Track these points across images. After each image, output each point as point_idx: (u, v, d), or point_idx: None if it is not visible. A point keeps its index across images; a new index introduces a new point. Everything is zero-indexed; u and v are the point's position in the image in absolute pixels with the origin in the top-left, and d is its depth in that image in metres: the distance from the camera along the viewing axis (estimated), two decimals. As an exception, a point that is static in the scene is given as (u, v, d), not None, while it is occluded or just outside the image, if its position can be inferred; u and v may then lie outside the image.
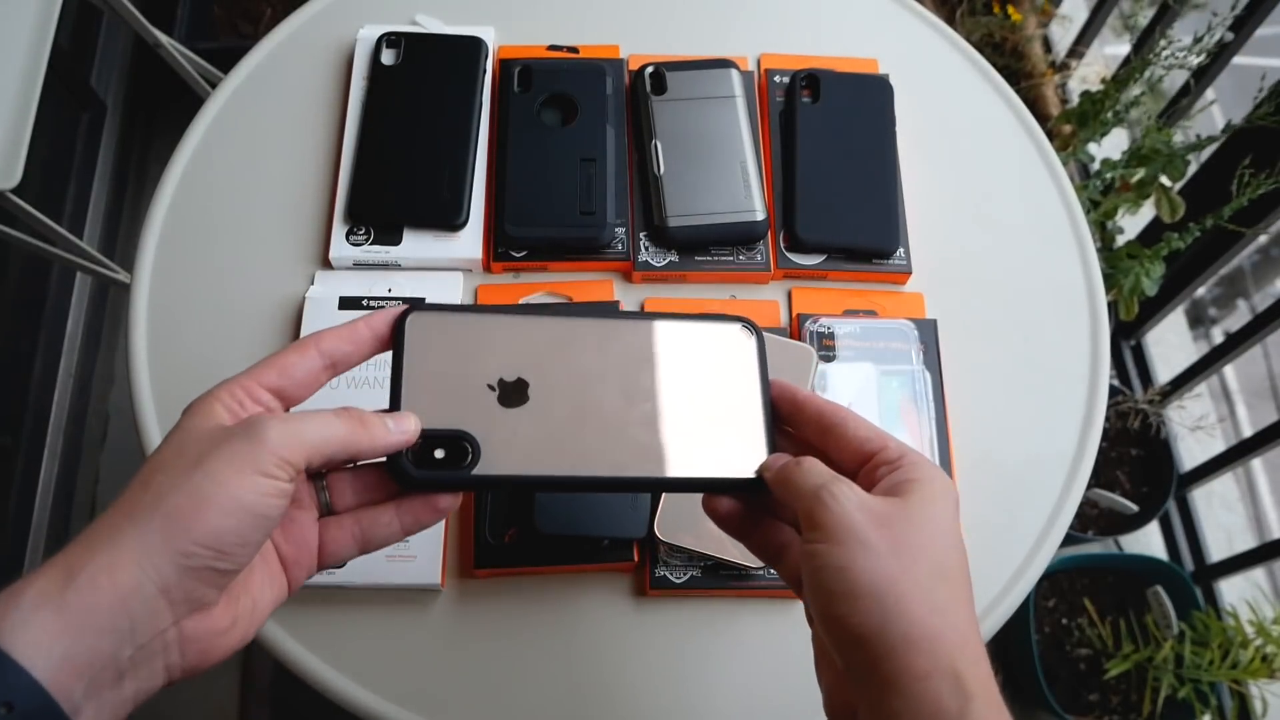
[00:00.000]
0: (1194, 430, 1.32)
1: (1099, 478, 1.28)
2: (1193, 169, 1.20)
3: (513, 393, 0.39)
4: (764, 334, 0.42)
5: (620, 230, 0.65)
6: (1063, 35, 1.63)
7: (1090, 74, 1.53)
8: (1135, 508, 1.23)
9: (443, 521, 0.56)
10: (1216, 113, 1.00)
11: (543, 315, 0.41)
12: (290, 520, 0.36)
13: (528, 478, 0.38)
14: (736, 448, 0.39)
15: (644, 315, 0.40)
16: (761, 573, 0.56)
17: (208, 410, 0.34)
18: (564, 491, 0.38)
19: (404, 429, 0.36)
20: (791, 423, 0.41)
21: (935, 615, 0.32)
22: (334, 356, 0.37)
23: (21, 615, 0.28)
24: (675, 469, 0.38)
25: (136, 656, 0.30)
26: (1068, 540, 1.23)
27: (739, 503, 0.40)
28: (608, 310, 0.40)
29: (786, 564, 0.40)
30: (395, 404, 0.37)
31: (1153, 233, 1.28)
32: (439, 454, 0.37)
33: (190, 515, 0.30)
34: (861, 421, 0.39)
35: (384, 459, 0.36)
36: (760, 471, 0.39)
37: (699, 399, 0.40)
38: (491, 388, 0.38)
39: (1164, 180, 1.02)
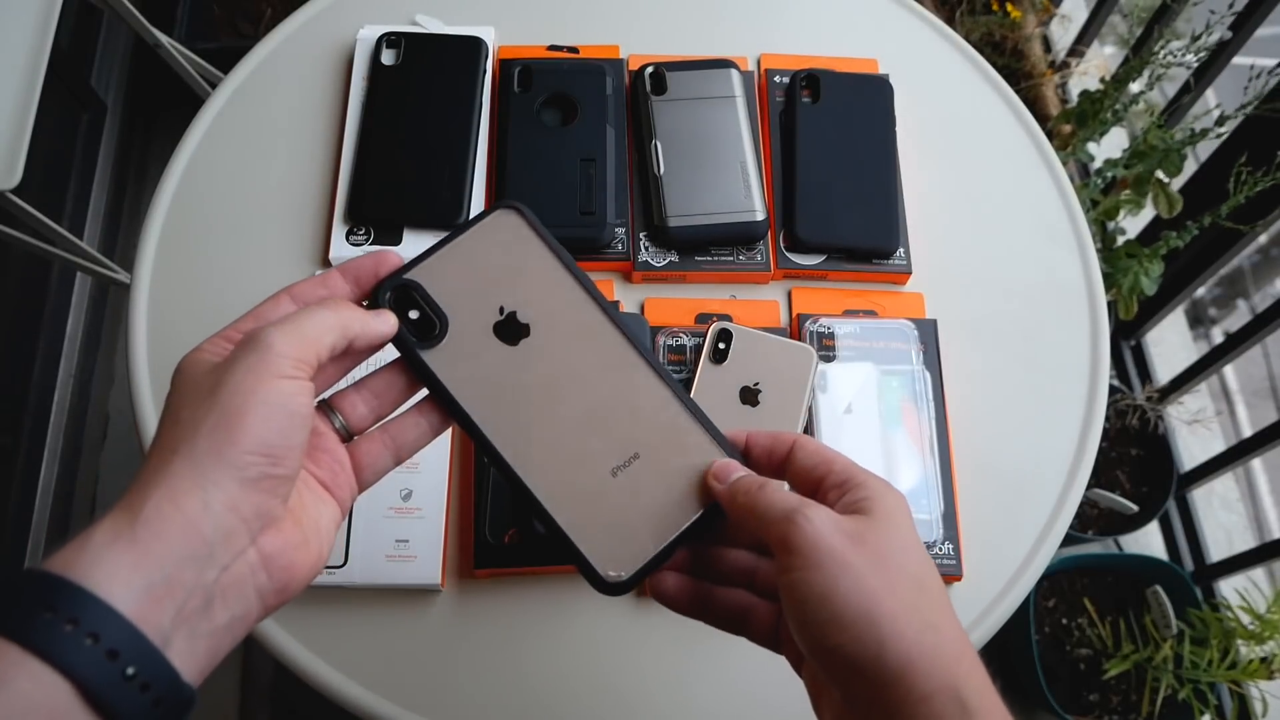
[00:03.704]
0: (1190, 424, 1.32)
1: (1099, 478, 1.28)
2: (1193, 169, 1.20)
3: (510, 330, 0.39)
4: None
5: (620, 230, 0.65)
6: (1063, 35, 1.63)
7: (1090, 68, 1.53)
8: (1135, 508, 1.23)
9: (443, 521, 0.56)
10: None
11: (599, 305, 0.39)
12: (314, 447, 0.36)
13: (453, 402, 0.37)
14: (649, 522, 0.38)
15: (670, 382, 0.39)
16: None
17: (197, 360, 0.34)
18: (474, 441, 0.38)
19: (386, 321, 0.37)
20: (752, 468, 0.40)
21: (929, 632, 0.32)
22: (307, 300, 0.37)
23: (94, 554, 0.28)
24: (561, 512, 0.37)
25: (223, 580, 0.30)
26: (1068, 540, 1.23)
27: (686, 581, 0.39)
28: (649, 352, 0.40)
29: (753, 626, 0.39)
30: (423, 256, 0.38)
31: (1153, 232, 1.28)
32: (413, 314, 0.38)
33: (232, 428, 0.31)
34: (809, 446, 0.38)
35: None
36: (709, 481, 0.38)
37: (639, 474, 0.38)
38: (500, 310, 0.39)
39: (1160, 176, 1.02)
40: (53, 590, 0.27)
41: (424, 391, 0.39)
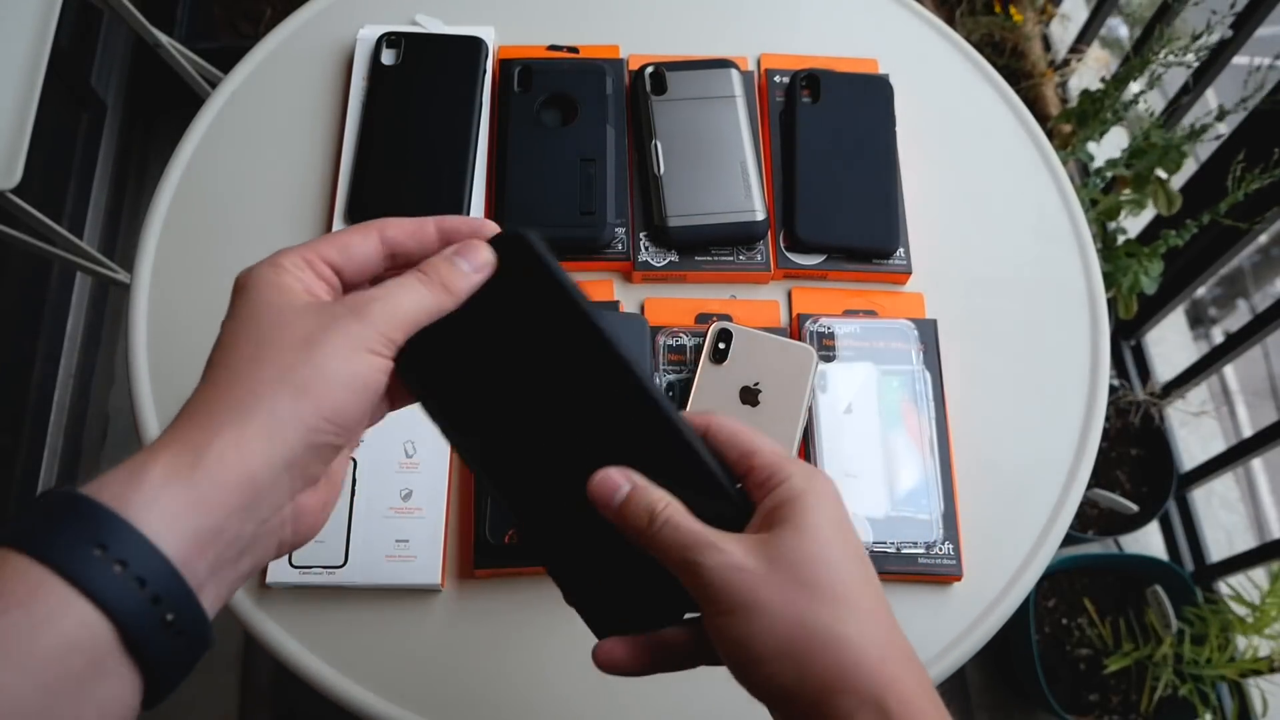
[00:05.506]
0: (1198, 415, 1.32)
1: (1099, 478, 1.28)
2: (1194, 169, 1.20)
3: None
4: None
5: (620, 230, 0.65)
6: (1063, 34, 1.63)
7: (1089, 69, 1.53)
8: (1135, 508, 1.23)
9: (443, 521, 0.56)
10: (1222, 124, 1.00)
11: (615, 345, 0.36)
12: None
13: (464, 428, 0.35)
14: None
15: (681, 426, 0.36)
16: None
17: (280, 283, 0.34)
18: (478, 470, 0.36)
19: (479, 263, 0.35)
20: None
21: (847, 649, 0.32)
22: (395, 247, 0.36)
23: (151, 492, 0.28)
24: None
25: (259, 532, 0.31)
26: (1068, 540, 1.23)
27: (631, 642, 0.37)
28: (661, 396, 0.36)
29: (709, 654, 0.36)
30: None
31: (1153, 232, 1.28)
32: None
33: (319, 391, 0.31)
34: (723, 433, 0.36)
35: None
36: (591, 494, 0.34)
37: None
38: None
39: (1160, 173, 1.02)
40: (102, 525, 0.26)
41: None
